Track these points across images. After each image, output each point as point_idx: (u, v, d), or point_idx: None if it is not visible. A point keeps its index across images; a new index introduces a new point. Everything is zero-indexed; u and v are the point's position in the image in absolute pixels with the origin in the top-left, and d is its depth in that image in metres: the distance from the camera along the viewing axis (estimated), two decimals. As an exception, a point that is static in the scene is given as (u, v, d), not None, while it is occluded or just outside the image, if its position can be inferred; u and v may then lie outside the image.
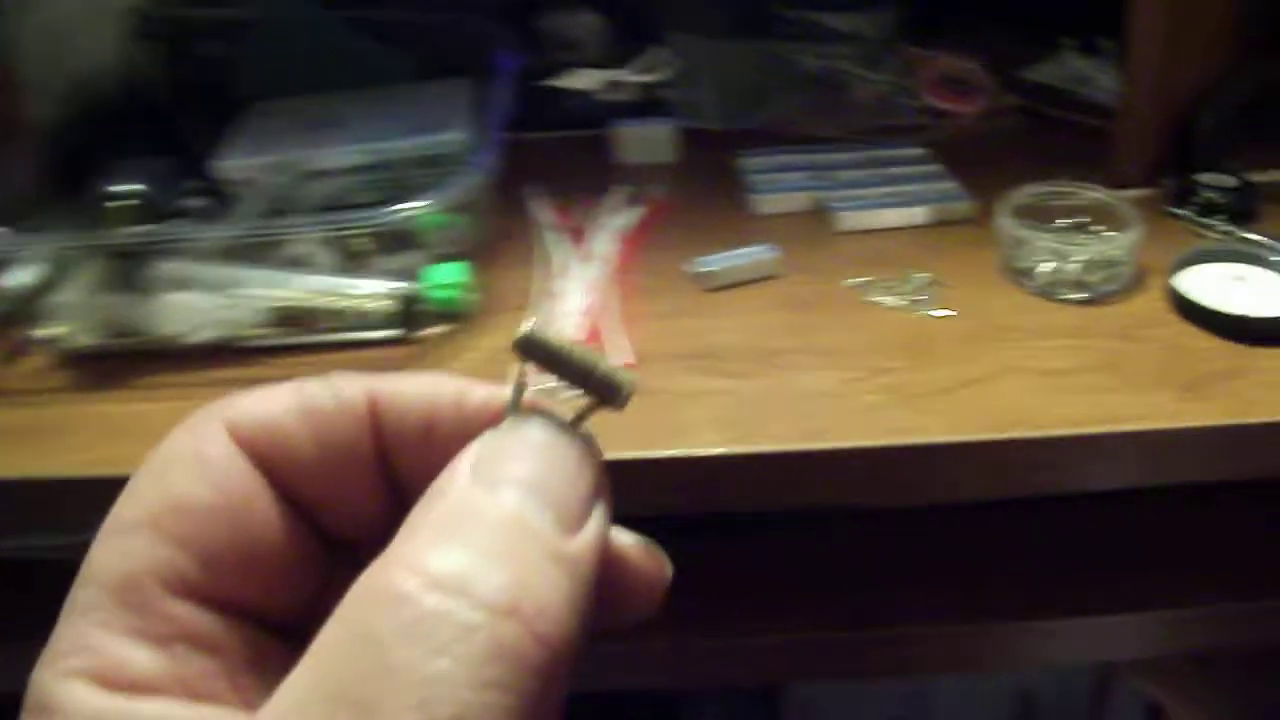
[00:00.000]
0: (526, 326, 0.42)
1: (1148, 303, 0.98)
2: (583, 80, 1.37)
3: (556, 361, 0.42)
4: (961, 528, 1.09)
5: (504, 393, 0.42)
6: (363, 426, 0.41)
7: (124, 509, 0.38)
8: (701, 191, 1.16)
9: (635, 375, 0.43)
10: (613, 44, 1.42)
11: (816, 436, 0.81)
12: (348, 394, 0.41)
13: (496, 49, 1.17)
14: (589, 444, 0.40)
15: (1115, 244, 1.03)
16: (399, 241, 0.94)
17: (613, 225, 1.10)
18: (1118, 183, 1.10)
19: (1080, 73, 1.37)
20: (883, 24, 1.43)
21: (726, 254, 1.03)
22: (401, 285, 0.93)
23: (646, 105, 1.31)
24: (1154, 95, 1.08)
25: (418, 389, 0.42)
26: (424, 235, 0.95)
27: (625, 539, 0.41)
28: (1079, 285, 1.04)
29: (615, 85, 1.36)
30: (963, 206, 1.17)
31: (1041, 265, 1.06)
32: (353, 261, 0.94)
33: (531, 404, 0.41)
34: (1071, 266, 1.04)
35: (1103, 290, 1.00)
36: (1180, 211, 1.10)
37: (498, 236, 1.07)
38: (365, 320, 0.91)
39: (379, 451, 0.41)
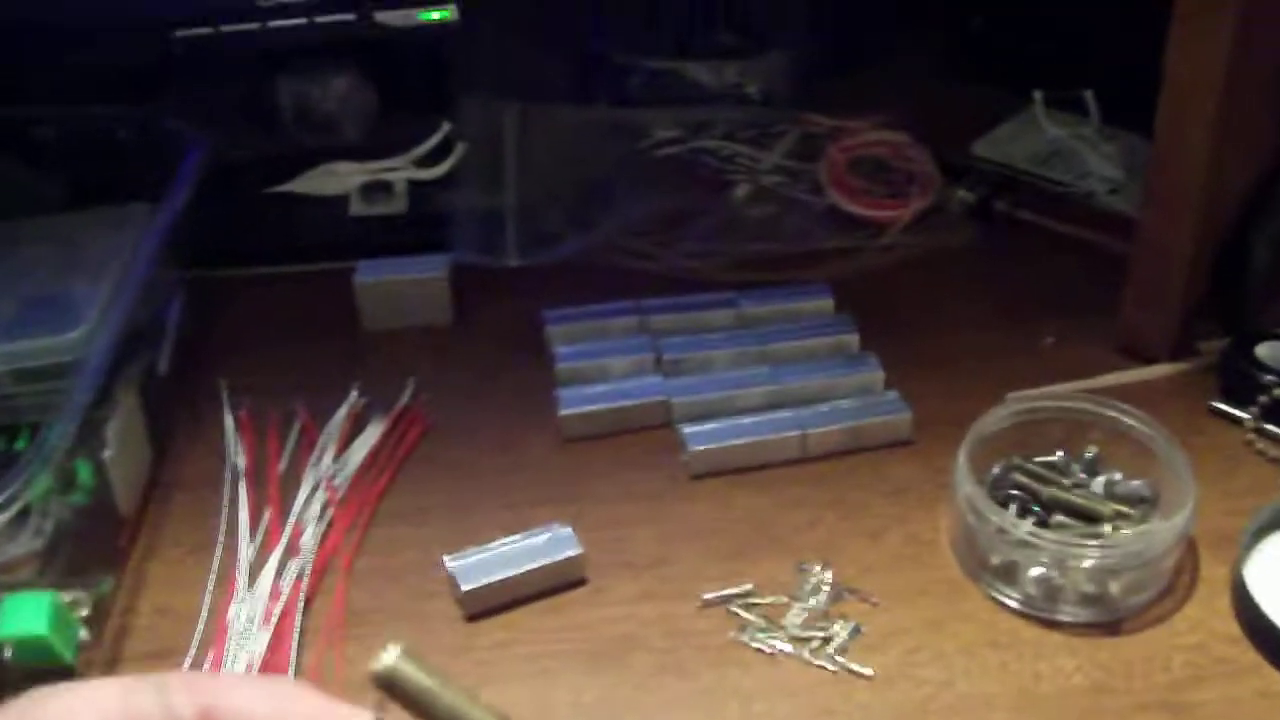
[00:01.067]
0: (389, 657, 0.39)
1: (1205, 618, 0.66)
2: (331, 182, 1.01)
3: (421, 704, 0.39)
4: None
5: None
6: None
7: None
8: (482, 393, 0.83)
9: None
10: (381, 119, 1.04)
11: None
12: (179, 707, 0.38)
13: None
14: None
15: (1150, 538, 0.65)
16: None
17: (337, 471, 0.76)
18: (1133, 349, 0.80)
19: (1060, 146, 1.02)
20: (771, 78, 1.07)
21: (503, 547, 0.69)
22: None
23: (418, 224, 0.96)
24: (1195, 208, 0.75)
25: (267, 707, 0.39)
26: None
27: None
28: (1092, 600, 0.65)
29: (377, 190, 1.00)
30: (895, 422, 0.77)
31: (1030, 570, 0.65)
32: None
33: None
34: (1079, 575, 0.64)
35: (1130, 604, 0.66)
36: (1238, 414, 0.76)
37: (163, 483, 0.77)
38: None
39: None
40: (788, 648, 0.63)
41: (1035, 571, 0.65)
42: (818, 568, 0.67)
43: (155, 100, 0.95)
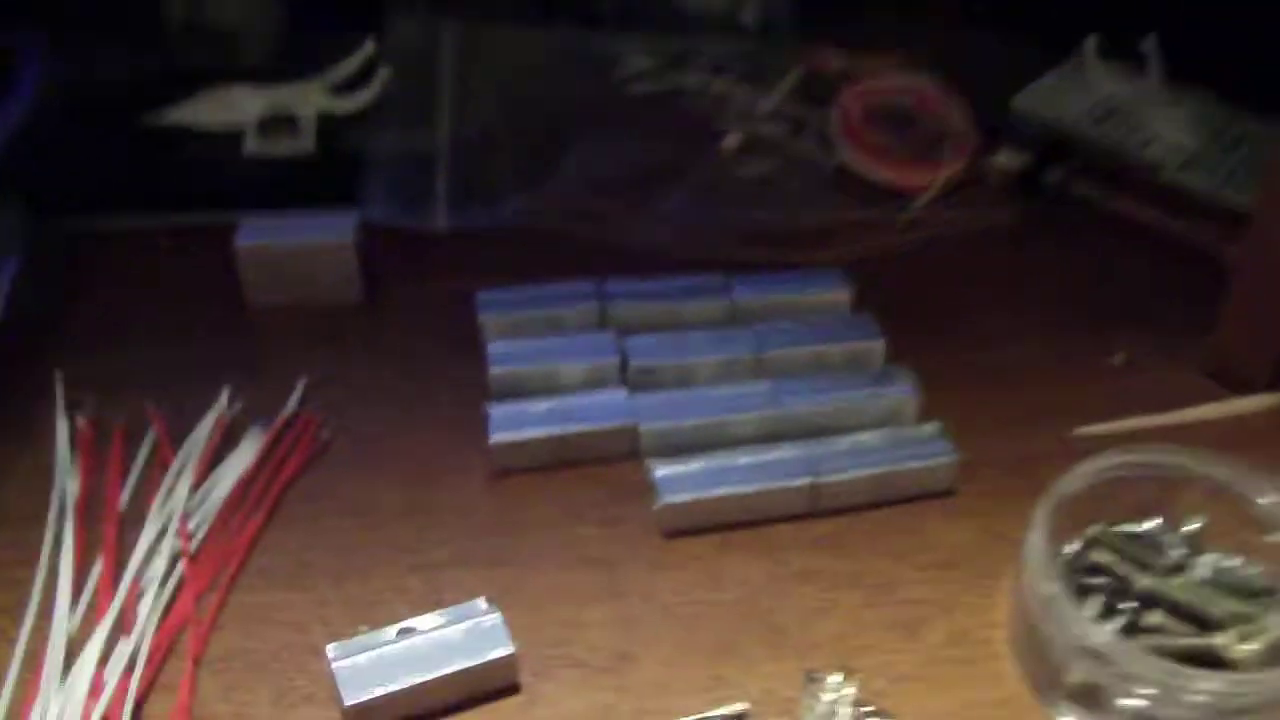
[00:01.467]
0: None
1: None
2: (222, 111, 0.82)
3: None
4: None
5: None
6: None
7: None
8: (393, 401, 0.65)
9: None
10: (289, 37, 0.88)
11: None
12: None
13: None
14: None
15: None
16: None
17: (195, 507, 0.58)
18: (1226, 374, 0.66)
19: (1117, 104, 0.83)
20: (771, 4, 0.89)
21: (405, 639, 0.51)
22: None
23: (326, 171, 0.78)
24: None
25: None
26: None
27: None
28: None
29: (279, 125, 0.81)
30: (935, 469, 0.59)
31: (1120, 697, 0.47)
32: None
33: None
34: (1189, 705, 0.47)
35: None
36: None
37: None
38: None
39: None
40: None
41: (1129, 701, 0.47)
42: (835, 678, 0.48)
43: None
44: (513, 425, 0.59)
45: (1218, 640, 0.51)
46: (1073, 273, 0.74)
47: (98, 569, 0.55)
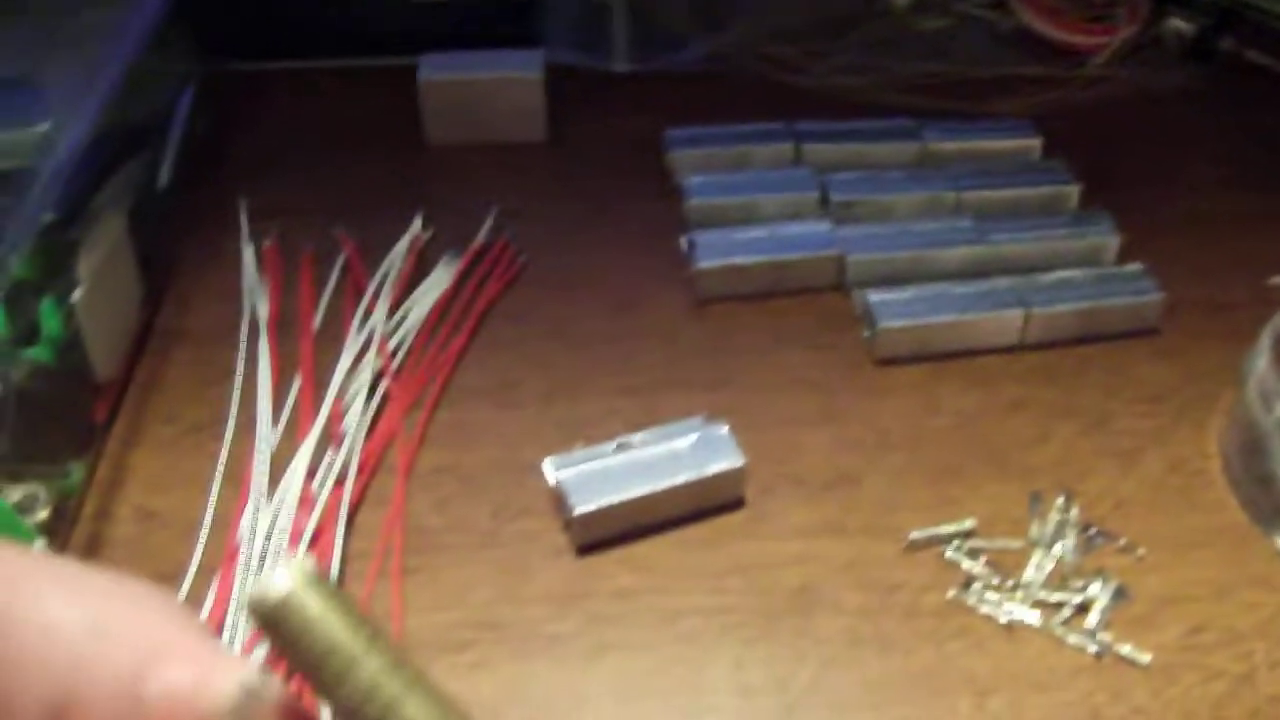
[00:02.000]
0: (284, 582, 0.26)
1: None
2: None
3: (313, 658, 0.26)
4: None
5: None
6: None
7: None
8: (586, 231, 0.64)
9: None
10: None
11: None
12: None
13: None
14: None
15: None
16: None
17: (395, 327, 0.58)
18: None
19: None
20: None
21: (629, 451, 0.50)
22: None
23: (505, 11, 0.74)
24: None
25: (82, 626, 0.27)
26: None
27: None
28: None
29: None
30: (1142, 305, 0.58)
31: None
32: None
33: None
34: None
35: None
36: None
37: (158, 335, 0.59)
38: None
39: None
40: (1031, 616, 0.44)
41: None
42: (1059, 500, 0.48)
43: None
44: (719, 253, 0.58)
45: None
46: (1254, 133, 0.72)
47: (296, 386, 0.54)
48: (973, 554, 0.47)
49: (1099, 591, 0.46)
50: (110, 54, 0.61)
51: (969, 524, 0.48)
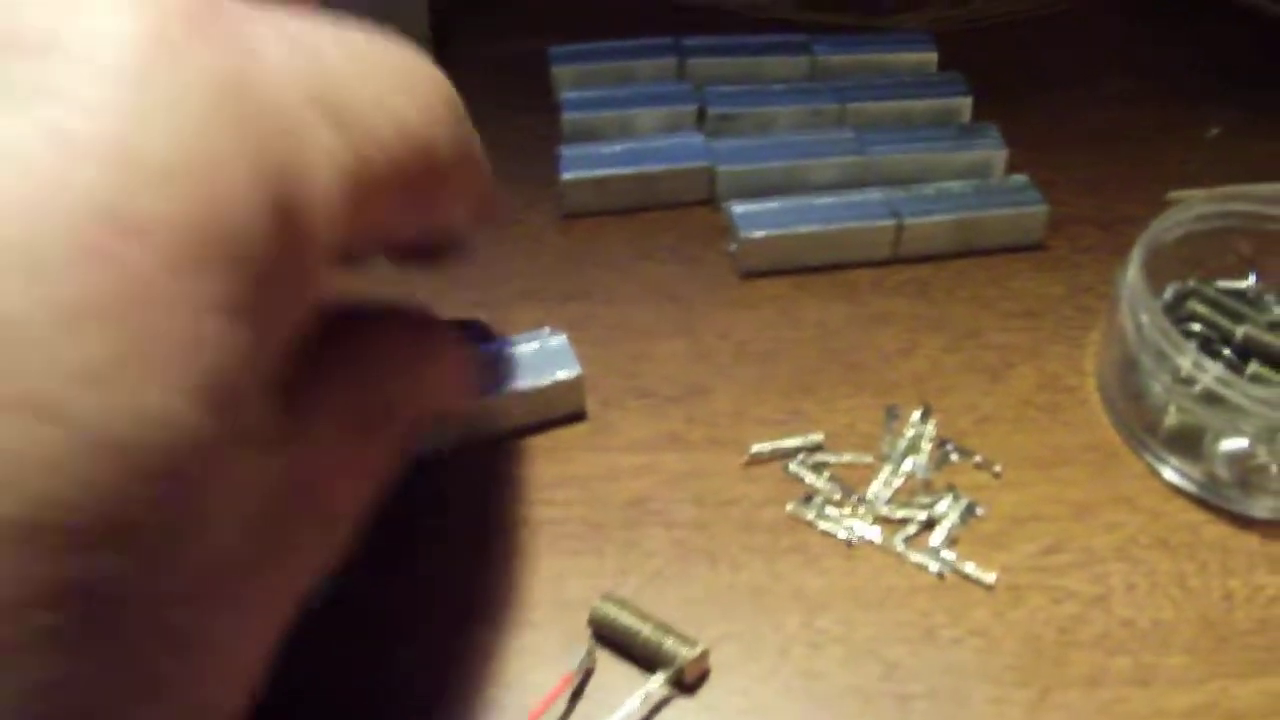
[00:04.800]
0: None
1: None
2: None
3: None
4: None
5: None
6: None
7: None
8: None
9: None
10: None
11: None
12: None
13: None
14: None
15: None
16: None
17: None
18: None
19: None
20: None
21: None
22: None
23: None
24: None
25: None
26: None
27: None
28: None
29: None
30: (1025, 216, 0.55)
31: (1220, 442, 0.44)
32: None
33: None
34: None
35: None
36: None
37: None
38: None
39: None
40: (873, 533, 0.42)
41: (1230, 445, 0.43)
42: (915, 414, 0.46)
43: None
44: (585, 165, 0.56)
45: None
46: (1166, 47, 0.69)
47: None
48: (817, 468, 0.45)
49: (947, 508, 0.44)
50: None
51: (816, 437, 0.46)
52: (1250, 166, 0.59)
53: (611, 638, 0.39)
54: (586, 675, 0.39)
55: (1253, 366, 0.48)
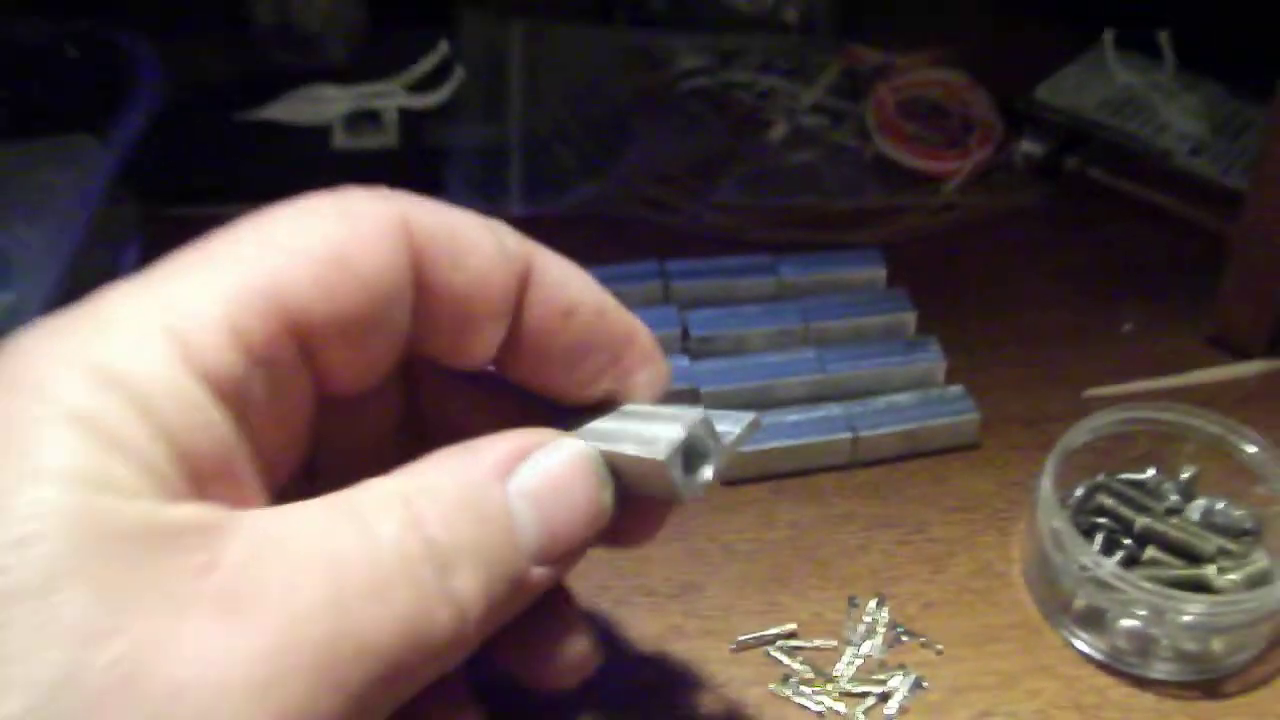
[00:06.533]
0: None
1: None
2: (311, 109, 0.88)
3: None
4: None
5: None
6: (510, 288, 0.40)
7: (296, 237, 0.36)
8: None
9: None
10: (369, 38, 0.93)
11: None
12: (510, 246, 0.40)
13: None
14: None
15: (1268, 594, 0.55)
16: None
17: None
18: (1227, 340, 0.72)
19: (1133, 93, 0.89)
20: (813, 3, 0.94)
21: None
22: None
23: (410, 161, 0.84)
24: None
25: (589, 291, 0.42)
26: None
27: None
28: (1191, 659, 0.56)
29: (364, 120, 0.88)
30: (960, 424, 0.66)
31: (1120, 621, 0.55)
32: None
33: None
34: (1177, 627, 0.54)
35: (1230, 663, 0.56)
36: None
37: None
38: None
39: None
40: (838, 706, 0.53)
41: (1127, 622, 0.54)
42: (872, 603, 0.57)
43: (106, 13, 0.83)
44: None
45: (1206, 571, 0.58)
46: (1088, 250, 0.79)
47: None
48: (792, 653, 0.55)
49: (899, 684, 0.55)
50: (69, 212, 0.69)
51: (790, 626, 0.56)
52: (1159, 360, 0.70)
53: None
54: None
55: (1152, 551, 0.59)
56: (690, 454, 0.38)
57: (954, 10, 0.99)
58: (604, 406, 0.42)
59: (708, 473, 0.39)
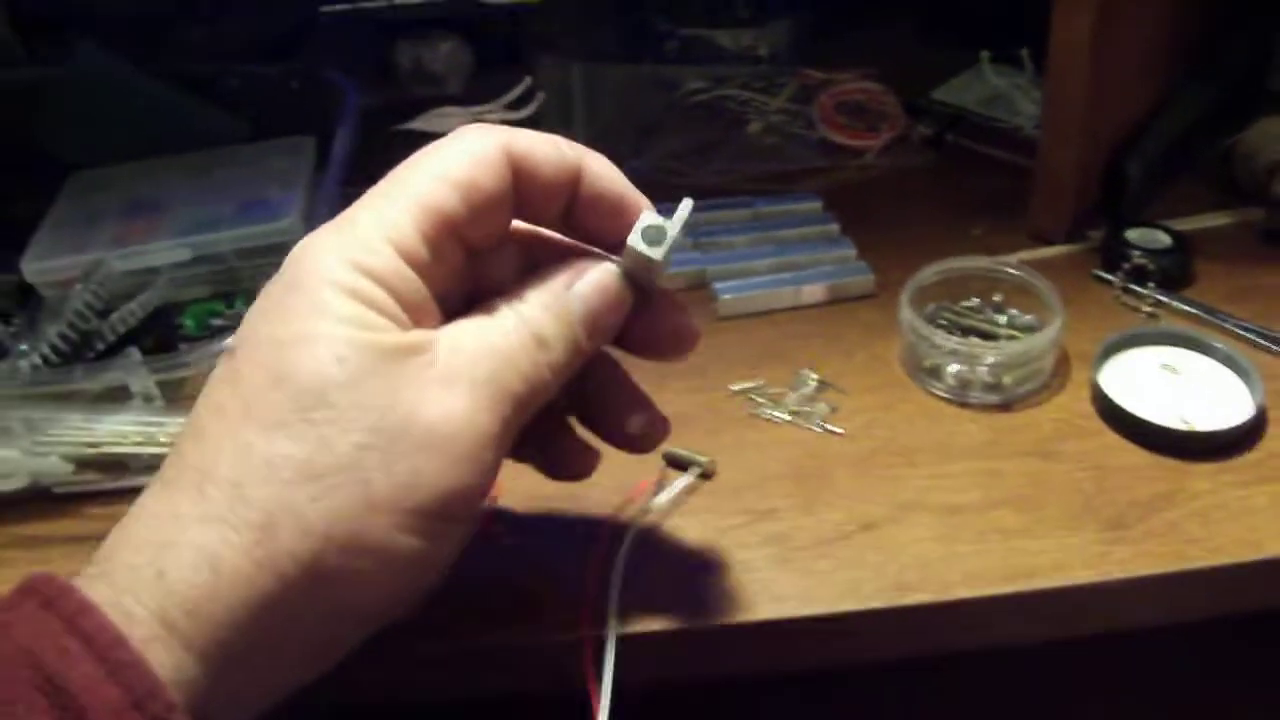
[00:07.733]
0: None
1: (1071, 403, 0.86)
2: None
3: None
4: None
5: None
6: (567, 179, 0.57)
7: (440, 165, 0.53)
8: None
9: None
10: (476, 75, 1.27)
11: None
12: (568, 154, 0.57)
13: (340, 95, 1.06)
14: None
15: (1030, 343, 0.89)
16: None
17: None
18: (1039, 236, 1.00)
19: (1000, 92, 1.20)
20: (777, 41, 1.26)
21: None
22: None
23: None
24: (1077, 136, 0.94)
25: (608, 183, 0.59)
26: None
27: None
28: (992, 388, 0.89)
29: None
30: (862, 281, 1.01)
31: (949, 367, 0.89)
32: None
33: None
34: (982, 369, 0.89)
35: (1019, 392, 0.87)
36: (1110, 277, 0.96)
37: None
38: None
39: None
40: (786, 417, 0.91)
41: (953, 369, 0.87)
42: (808, 372, 0.94)
43: (299, 60, 1.17)
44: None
45: (1001, 341, 0.95)
46: (959, 192, 1.07)
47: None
48: (761, 394, 0.95)
49: (822, 407, 0.90)
50: (317, 184, 0.96)
51: (761, 382, 0.96)
52: (994, 249, 1.02)
53: None
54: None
55: (971, 338, 0.99)
56: (652, 239, 0.57)
57: (875, 42, 1.31)
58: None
59: (666, 241, 0.57)
